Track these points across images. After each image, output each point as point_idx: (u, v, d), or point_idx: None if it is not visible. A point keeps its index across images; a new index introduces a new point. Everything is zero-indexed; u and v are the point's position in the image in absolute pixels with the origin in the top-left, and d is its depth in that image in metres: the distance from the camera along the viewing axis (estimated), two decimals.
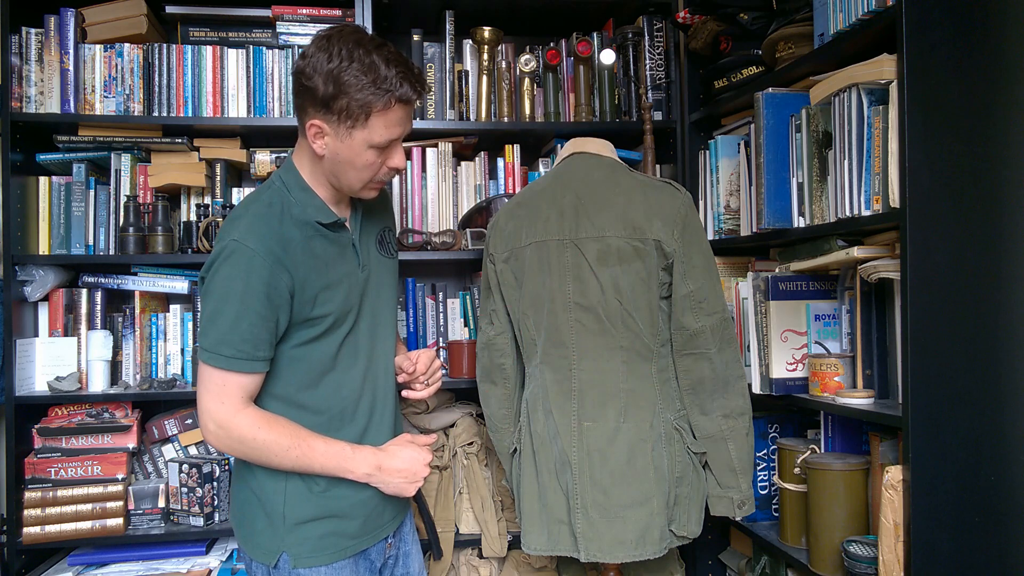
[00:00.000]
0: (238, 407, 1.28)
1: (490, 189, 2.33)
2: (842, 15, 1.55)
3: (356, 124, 1.26)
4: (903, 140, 1.37)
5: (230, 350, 1.25)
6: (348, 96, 1.23)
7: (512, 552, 2.20)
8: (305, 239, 1.32)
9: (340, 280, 1.36)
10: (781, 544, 1.80)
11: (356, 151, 1.29)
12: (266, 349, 1.29)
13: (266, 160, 2.23)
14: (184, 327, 2.18)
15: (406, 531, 1.54)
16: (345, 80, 1.23)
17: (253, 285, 1.25)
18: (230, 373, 1.26)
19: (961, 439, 1.38)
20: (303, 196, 1.35)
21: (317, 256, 1.33)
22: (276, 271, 1.26)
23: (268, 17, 2.20)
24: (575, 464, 1.57)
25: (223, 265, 1.26)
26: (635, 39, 2.28)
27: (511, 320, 1.74)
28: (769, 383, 1.78)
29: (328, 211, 1.37)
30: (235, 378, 1.27)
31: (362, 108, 1.24)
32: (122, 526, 2.03)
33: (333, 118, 1.26)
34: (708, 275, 1.58)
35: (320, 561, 1.34)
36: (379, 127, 1.27)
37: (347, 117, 1.25)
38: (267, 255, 1.26)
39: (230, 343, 1.25)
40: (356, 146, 1.28)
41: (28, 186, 2.10)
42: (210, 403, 1.28)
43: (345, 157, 1.29)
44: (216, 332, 1.26)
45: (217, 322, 1.26)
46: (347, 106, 1.24)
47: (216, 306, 1.26)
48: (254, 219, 1.30)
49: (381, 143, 1.29)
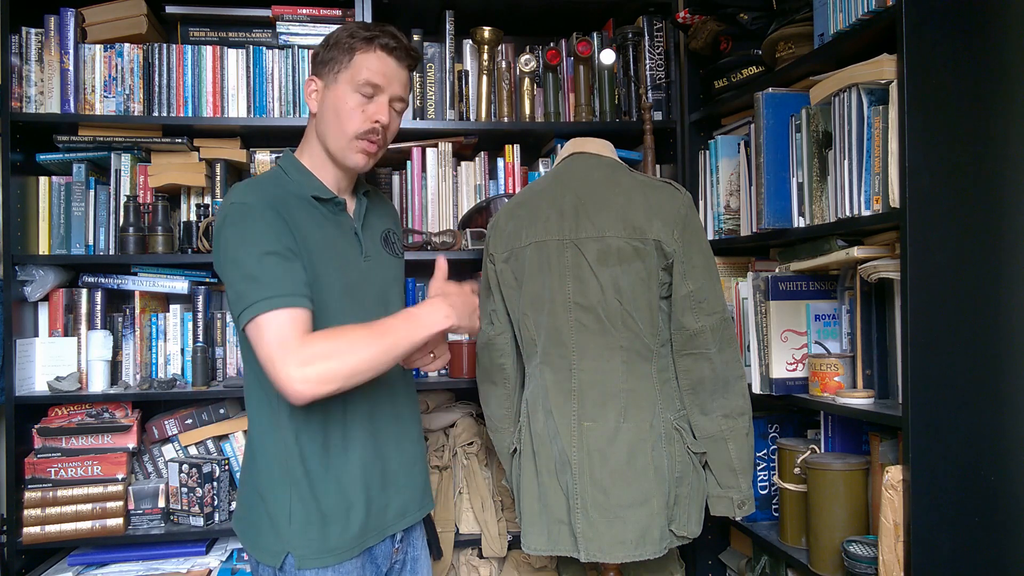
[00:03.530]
0: (302, 336, 1.20)
1: (490, 189, 2.33)
2: (842, 15, 1.55)
3: (341, 67, 1.36)
4: (903, 140, 1.37)
5: (271, 290, 1.21)
6: (337, 45, 1.37)
7: (512, 552, 2.20)
8: (302, 208, 1.34)
9: (342, 257, 1.37)
10: (781, 544, 1.80)
11: (341, 95, 1.36)
12: (303, 288, 1.25)
13: (266, 160, 2.24)
14: (184, 327, 2.18)
15: (415, 536, 1.52)
16: (337, 35, 1.38)
17: (266, 232, 1.26)
18: (281, 311, 1.21)
19: (961, 439, 1.38)
20: (300, 176, 1.39)
21: (316, 230, 1.34)
22: (278, 220, 1.28)
23: (268, 17, 2.20)
24: (575, 464, 1.57)
25: (230, 225, 1.27)
26: (635, 39, 2.28)
27: (511, 320, 1.74)
28: (769, 383, 1.78)
29: (326, 189, 1.39)
30: (287, 314, 1.21)
31: (346, 51, 1.36)
32: (122, 526, 2.03)
33: (324, 69, 1.38)
34: (708, 275, 1.58)
35: (326, 562, 1.33)
36: (361, 67, 1.35)
37: (334, 63, 1.37)
38: (268, 207, 1.28)
39: (269, 285, 1.22)
40: (340, 90, 1.36)
41: (28, 186, 2.10)
42: (275, 349, 1.19)
43: (331, 103, 1.36)
44: (252, 283, 1.22)
45: (247, 274, 1.23)
46: (335, 55, 1.37)
47: (237, 261, 1.25)
48: (251, 184, 1.35)
49: (361, 82, 1.35)
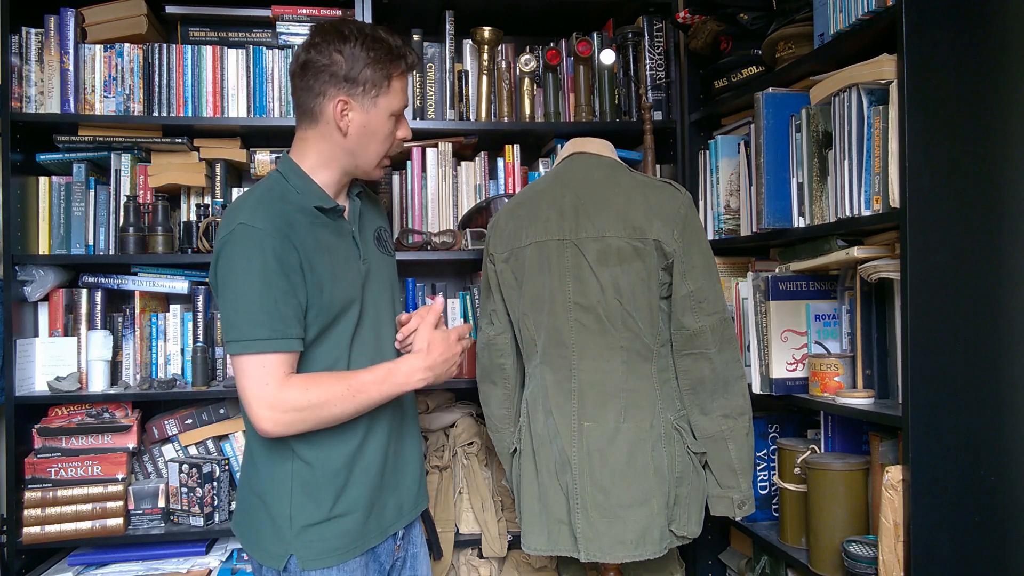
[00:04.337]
0: (282, 382, 1.25)
1: (490, 189, 2.33)
2: (842, 15, 1.55)
3: (380, 91, 1.35)
4: (903, 140, 1.37)
5: (264, 331, 1.23)
6: (371, 66, 1.33)
7: (512, 552, 2.20)
8: (308, 224, 1.32)
9: (344, 268, 1.37)
10: (781, 544, 1.80)
11: (380, 119, 1.37)
12: (297, 327, 1.27)
13: (266, 160, 2.23)
14: (184, 327, 2.18)
15: (415, 533, 1.54)
16: (366, 53, 1.32)
17: (269, 262, 1.24)
18: (268, 355, 1.24)
19: (961, 439, 1.38)
20: (301, 183, 1.37)
21: (321, 242, 1.33)
22: (286, 247, 1.26)
23: (268, 17, 2.20)
24: (575, 464, 1.57)
25: (234, 249, 1.25)
26: (635, 39, 2.28)
27: (511, 320, 1.74)
28: (769, 383, 1.78)
29: (327, 197, 1.38)
30: (273, 358, 1.25)
31: (385, 75, 1.34)
32: (122, 526, 2.03)
33: (358, 90, 1.34)
34: (708, 275, 1.58)
35: (329, 562, 1.33)
36: (399, 93, 1.37)
37: (372, 86, 1.34)
38: (275, 232, 1.26)
39: (261, 323, 1.23)
40: (380, 114, 1.36)
41: (28, 186, 2.10)
42: (255, 389, 1.24)
43: (372, 128, 1.36)
44: (245, 317, 1.24)
45: (242, 306, 1.24)
46: (371, 76, 1.33)
47: (237, 291, 1.25)
48: (257, 203, 1.31)
49: (399, 109, 1.38)
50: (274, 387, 1.24)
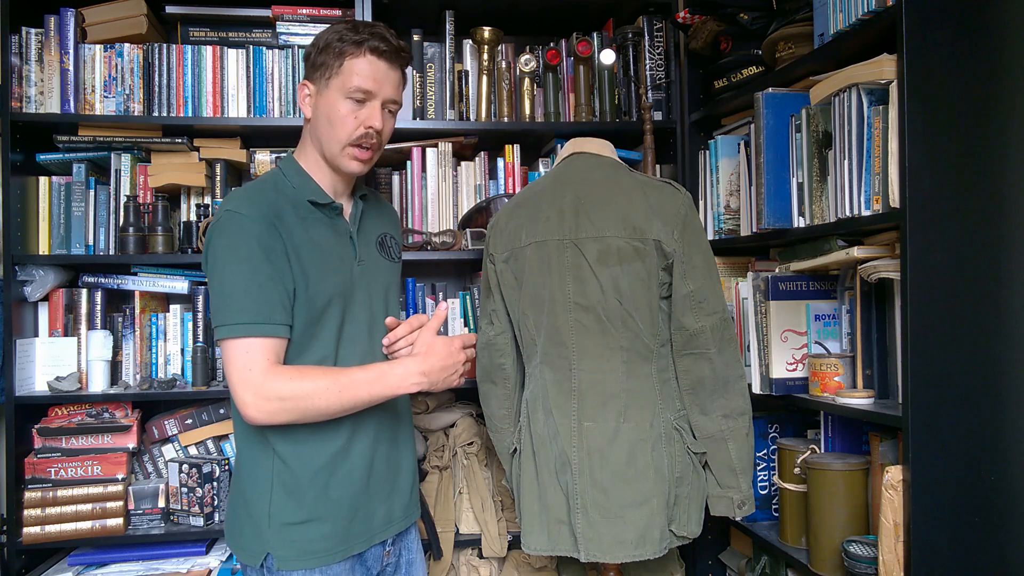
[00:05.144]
0: (267, 369, 1.24)
1: (490, 189, 2.33)
2: (842, 15, 1.55)
3: (332, 73, 1.34)
4: (903, 140, 1.37)
5: (247, 316, 1.24)
6: (328, 50, 1.34)
7: (512, 552, 2.20)
8: (300, 218, 1.34)
9: (335, 265, 1.37)
10: (781, 544, 1.80)
11: (332, 102, 1.34)
12: (283, 314, 1.27)
13: (266, 160, 2.23)
14: (184, 327, 2.18)
15: (411, 539, 1.52)
16: (327, 38, 1.35)
17: (253, 248, 1.25)
18: (252, 339, 1.24)
19: (961, 439, 1.38)
20: (298, 179, 1.39)
21: (311, 236, 1.34)
22: (271, 233, 1.27)
23: (268, 17, 2.20)
24: (575, 464, 1.57)
25: (220, 236, 1.27)
26: (635, 39, 2.28)
27: (511, 320, 1.74)
28: (769, 383, 1.78)
29: (323, 193, 1.39)
30: (258, 343, 1.25)
31: (336, 56, 1.33)
32: (122, 526, 2.03)
33: (316, 74, 1.36)
34: (708, 275, 1.58)
35: (310, 564, 1.31)
36: (352, 73, 1.33)
37: (325, 68, 1.35)
38: (260, 219, 1.27)
39: (246, 309, 1.24)
40: (332, 96, 1.34)
41: (28, 186, 2.10)
42: (240, 375, 1.24)
43: (323, 110, 1.35)
44: (230, 302, 1.25)
45: (227, 291, 1.25)
46: (325, 60, 1.34)
47: (222, 276, 1.26)
48: (247, 191, 1.34)
49: (352, 89, 1.33)
50: (258, 373, 1.24)
